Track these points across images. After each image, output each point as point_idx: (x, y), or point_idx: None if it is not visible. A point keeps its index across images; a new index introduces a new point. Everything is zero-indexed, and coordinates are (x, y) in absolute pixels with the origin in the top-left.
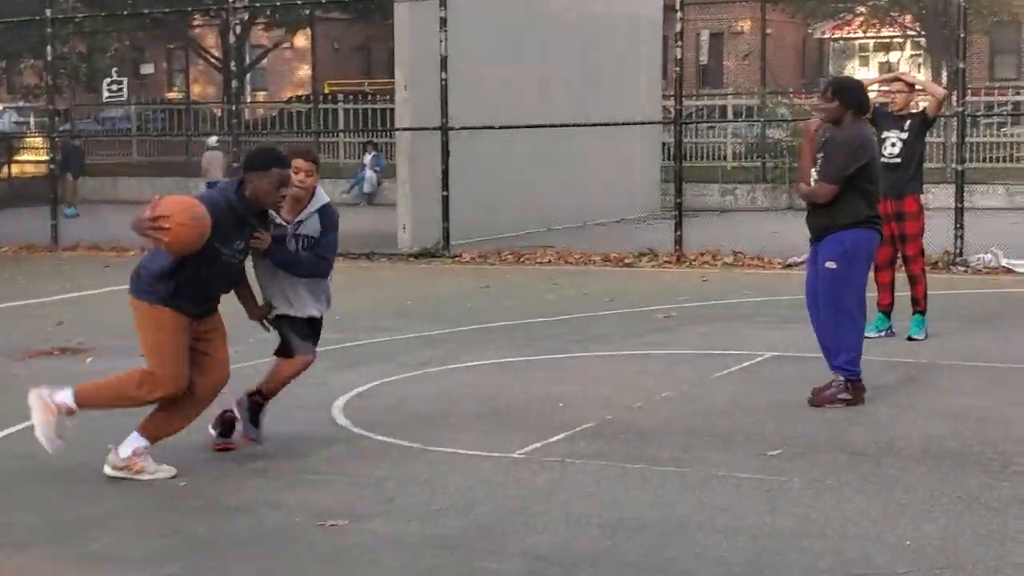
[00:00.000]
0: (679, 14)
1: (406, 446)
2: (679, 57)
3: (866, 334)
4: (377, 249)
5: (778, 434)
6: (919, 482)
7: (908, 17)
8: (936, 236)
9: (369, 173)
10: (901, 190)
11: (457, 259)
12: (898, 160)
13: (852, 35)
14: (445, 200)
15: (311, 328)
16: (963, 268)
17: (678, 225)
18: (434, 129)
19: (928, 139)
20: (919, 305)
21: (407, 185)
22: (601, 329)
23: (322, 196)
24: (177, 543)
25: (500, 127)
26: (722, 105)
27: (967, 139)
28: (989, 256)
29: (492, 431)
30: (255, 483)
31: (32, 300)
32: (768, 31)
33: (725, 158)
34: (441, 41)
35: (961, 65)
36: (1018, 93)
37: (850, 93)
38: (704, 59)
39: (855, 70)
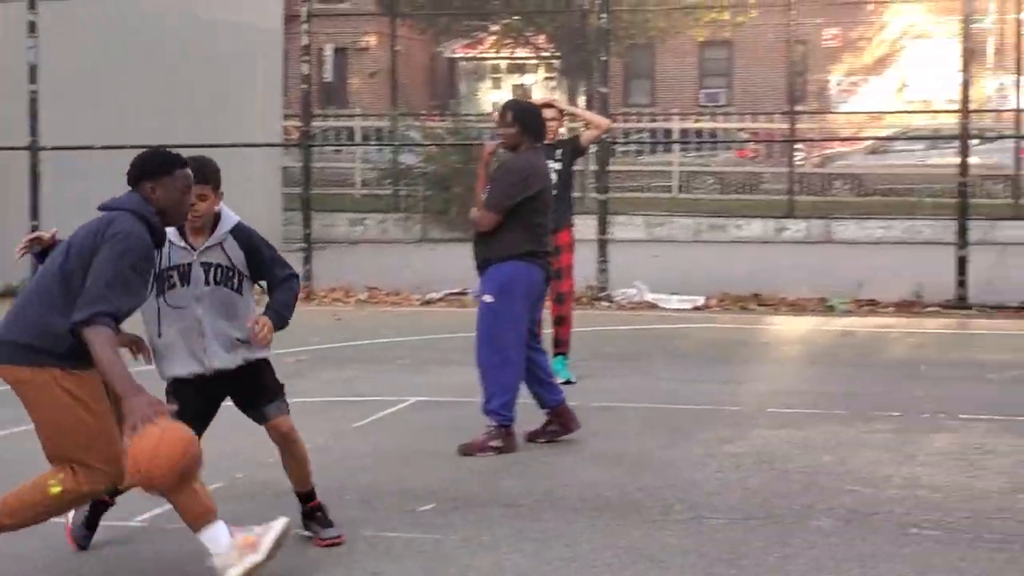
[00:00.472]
0: (305, 26)
1: None
2: (307, 73)
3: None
4: None
5: (427, 487)
6: (581, 535)
7: (543, 38)
8: (579, 269)
9: None
10: (558, 222)
11: None
12: (555, 191)
13: (484, 55)
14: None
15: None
16: (607, 303)
17: (307, 259)
18: (21, 148)
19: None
20: (564, 347)
21: None
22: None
23: (229, 213)
24: None
25: (100, 147)
26: (349, 127)
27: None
28: (633, 290)
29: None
30: None
31: None
32: (397, 48)
33: (354, 185)
34: (31, 48)
35: (604, 89)
36: (654, 120)
37: (531, 118)
38: (328, 76)
39: (488, 92)
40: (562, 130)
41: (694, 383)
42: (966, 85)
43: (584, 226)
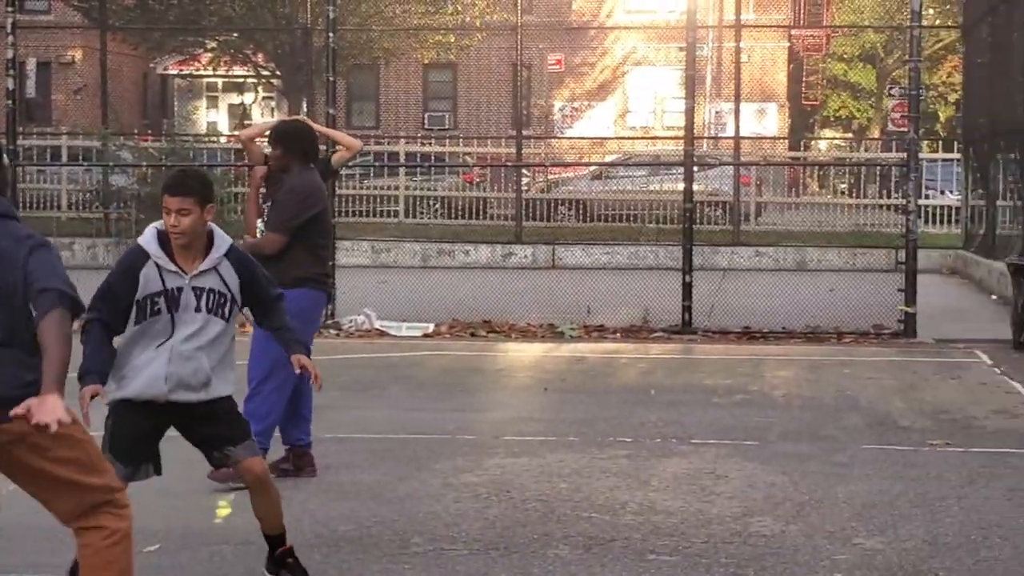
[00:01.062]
0: (11, 38)
1: None
2: (12, 88)
3: None
4: None
5: (150, 527)
6: (317, 572)
7: (262, 56)
8: None
9: None
10: None
11: None
12: None
13: (200, 72)
14: None
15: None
16: (336, 331)
17: None
18: None
19: None
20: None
21: None
22: None
23: (222, 234)
24: None
25: None
26: (55, 145)
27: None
28: (362, 318)
29: None
30: None
31: None
32: (108, 64)
33: (60, 207)
34: None
35: (331, 111)
36: (379, 143)
37: (293, 139)
38: (31, 92)
39: (203, 110)
40: None
41: (428, 412)
42: (690, 112)
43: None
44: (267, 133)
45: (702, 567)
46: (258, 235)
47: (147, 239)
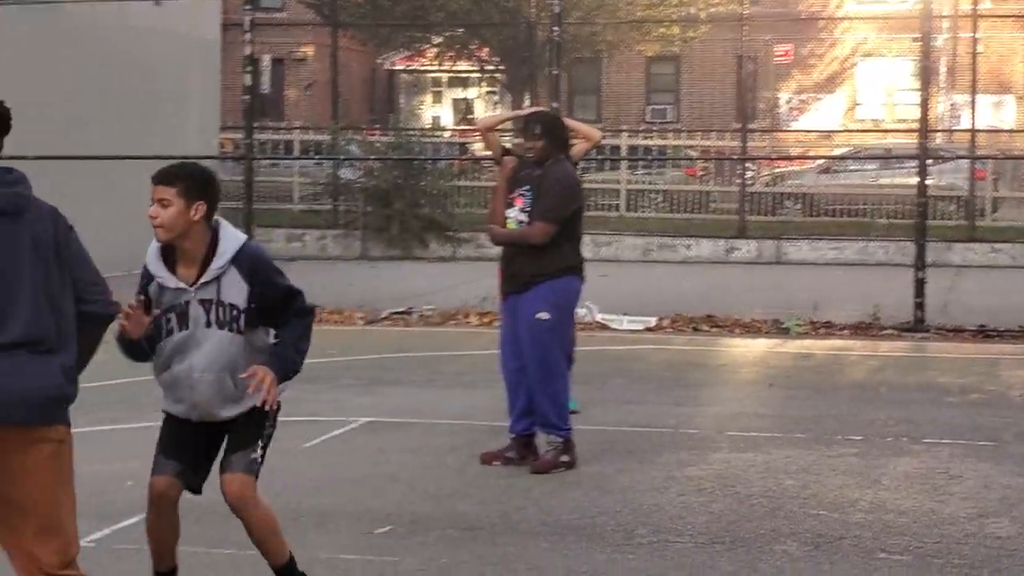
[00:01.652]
0: (248, 35)
1: None
2: (249, 85)
3: None
4: None
5: (383, 510)
6: (543, 559)
7: (486, 51)
8: None
9: None
10: None
11: None
12: None
13: (425, 67)
14: None
15: None
16: None
17: None
18: None
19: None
20: None
21: None
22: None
23: (231, 236)
24: None
25: (34, 157)
26: (288, 140)
27: None
28: (583, 311)
29: None
30: None
31: None
32: (338, 59)
33: (292, 200)
34: None
35: (555, 104)
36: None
37: (555, 129)
38: (266, 87)
39: (428, 105)
40: None
41: (650, 405)
42: (925, 104)
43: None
44: (512, 122)
45: (935, 568)
46: (509, 224)
47: (149, 256)
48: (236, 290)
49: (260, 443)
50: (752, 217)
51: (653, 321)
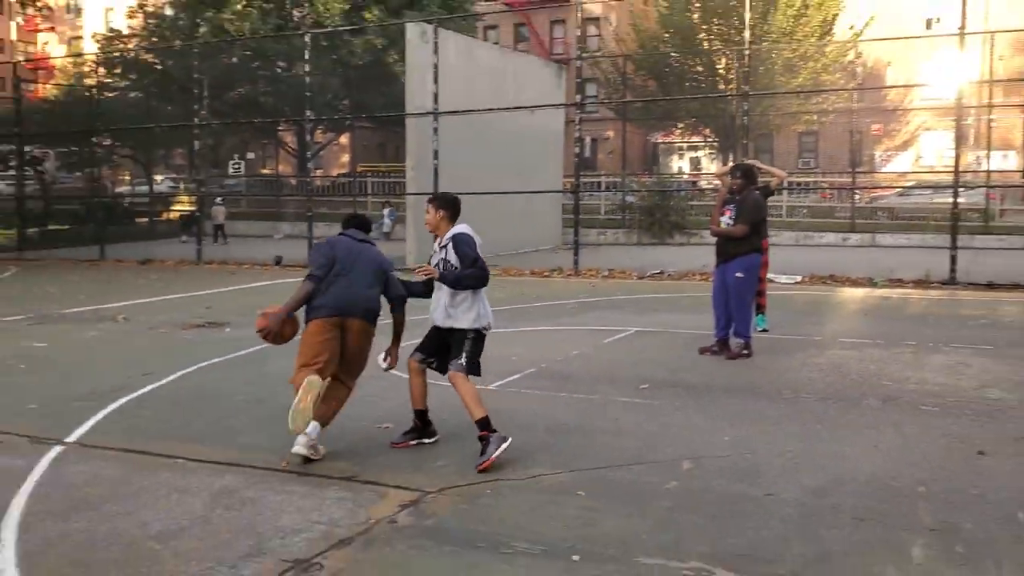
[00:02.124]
0: (578, 126)
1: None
2: (577, 152)
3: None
4: (395, 265)
5: (644, 377)
6: (730, 404)
7: (708, 129)
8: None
9: (387, 220)
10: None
11: None
12: None
13: (674, 140)
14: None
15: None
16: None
17: (575, 252)
18: (429, 194)
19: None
20: (763, 309)
21: (412, 228)
22: (536, 314)
23: (454, 229)
24: (292, 439)
25: (468, 193)
26: (597, 181)
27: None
28: (784, 278)
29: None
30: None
31: (188, 293)
32: (624, 136)
33: (599, 213)
34: (433, 140)
35: (745, 159)
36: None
37: (748, 173)
38: (587, 154)
39: (674, 160)
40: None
41: (795, 325)
42: (957, 157)
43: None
44: (729, 169)
45: (953, 415)
46: (722, 226)
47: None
48: (452, 256)
49: (464, 351)
50: (858, 220)
51: (799, 278)
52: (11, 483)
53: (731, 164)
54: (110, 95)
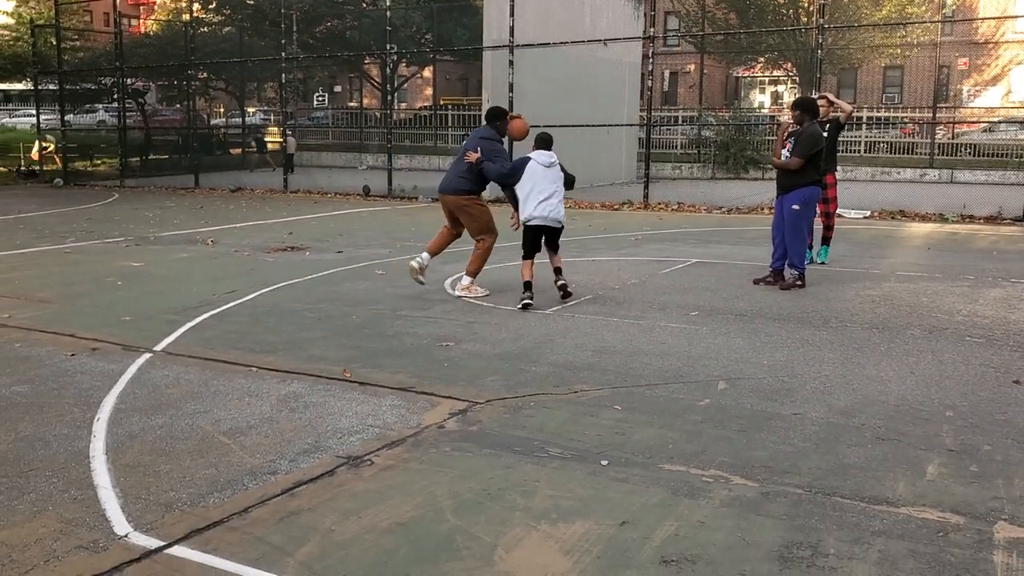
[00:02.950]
0: (651, 61)
1: (485, 305)
2: (650, 86)
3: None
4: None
5: (695, 304)
6: (775, 331)
7: (789, 64)
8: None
9: None
10: (827, 168)
11: None
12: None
13: (755, 75)
14: None
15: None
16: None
17: (646, 186)
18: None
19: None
20: (828, 241)
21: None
22: (600, 245)
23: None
24: (358, 353)
25: (543, 126)
26: (675, 115)
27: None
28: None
29: (534, 299)
30: (401, 322)
31: (273, 220)
32: (704, 71)
33: (675, 147)
34: (509, 73)
35: (826, 94)
36: (859, 110)
37: (806, 107)
38: (666, 88)
39: (756, 95)
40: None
41: (856, 258)
42: None
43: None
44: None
45: (997, 346)
46: (783, 159)
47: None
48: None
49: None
50: (939, 156)
51: (868, 213)
52: (104, 385)
53: (795, 98)
54: (205, 30)
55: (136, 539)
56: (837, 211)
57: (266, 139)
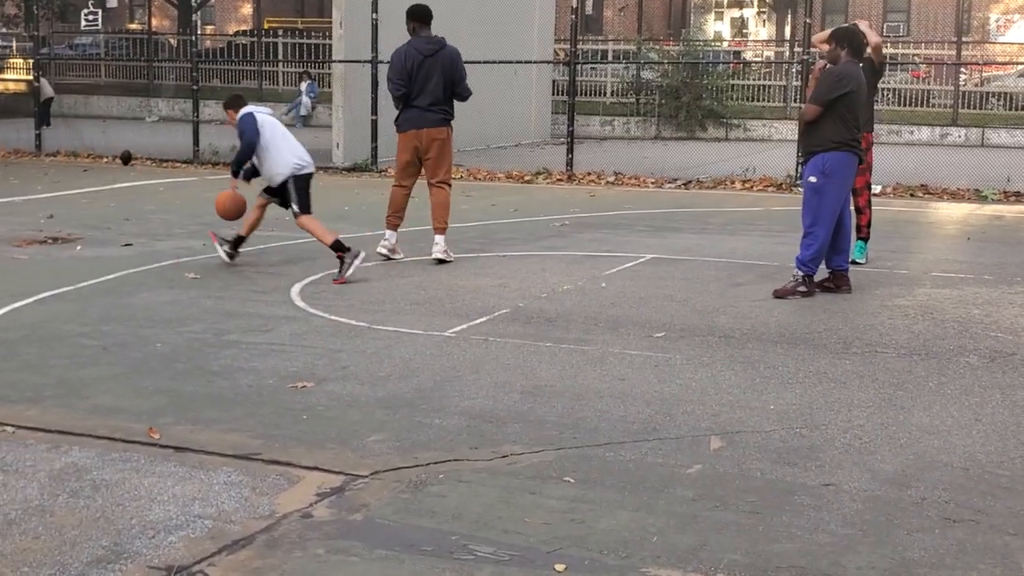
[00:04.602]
0: None
1: (355, 325)
2: (575, 6)
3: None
4: (316, 163)
5: (660, 321)
6: (778, 361)
7: None
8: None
9: (305, 99)
10: (866, 125)
11: (383, 173)
12: None
13: None
14: (374, 124)
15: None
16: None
17: (569, 150)
18: (366, 62)
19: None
20: (862, 232)
21: (341, 110)
22: (510, 234)
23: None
24: (168, 400)
25: None
26: (603, 50)
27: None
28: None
29: (425, 315)
30: (232, 352)
31: (23, 197)
32: None
33: (605, 94)
34: None
35: (808, 20)
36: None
37: (844, 37)
38: (589, 10)
39: (711, 22)
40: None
41: (872, 251)
42: None
43: (785, 128)
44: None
45: None
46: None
47: None
48: None
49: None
50: (963, 110)
51: (879, 188)
52: None
53: (826, 31)
54: None
55: None
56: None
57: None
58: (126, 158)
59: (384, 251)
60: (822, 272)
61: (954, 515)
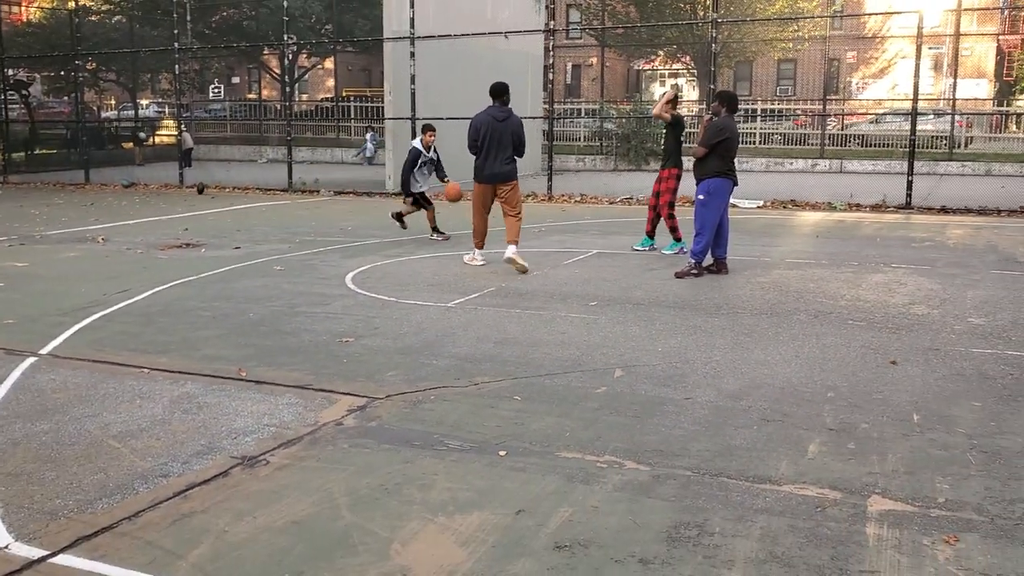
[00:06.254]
0: (551, 54)
1: (386, 299)
2: (551, 79)
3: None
4: (372, 189)
5: (595, 294)
6: (670, 319)
7: (688, 57)
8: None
9: (369, 145)
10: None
11: None
12: None
13: (656, 67)
14: None
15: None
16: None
17: (550, 178)
18: (407, 119)
19: (693, 130)
20: (649, 228)
21: (391, 152)
22: (501, 237)
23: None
24: (254, 351)
25: (445, 118)
26: (578, 108)
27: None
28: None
29: (436, 292)
30: (299, 319)
31: (167, 216)
32: (606, 64)
33: (579, 139)
34: (411, 65)
35: (713, 86)
36: (754, 103)
37: (726, 98)
38: (569, 80)
39: (656, 88)
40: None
41: (748, 246)
42: (916, 87)
43: (753, 164)
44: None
45: (877, 328)
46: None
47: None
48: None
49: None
50: (829, 147)
51: (761, 202)
52: None
53: (668, 92)
54: (93, 19)
55: (17, 550)
56: (667, 203)
57: (141, 133)
58: (200, 189)
59: (478, 262)
60: (708, 259)
61: (769, 417)
